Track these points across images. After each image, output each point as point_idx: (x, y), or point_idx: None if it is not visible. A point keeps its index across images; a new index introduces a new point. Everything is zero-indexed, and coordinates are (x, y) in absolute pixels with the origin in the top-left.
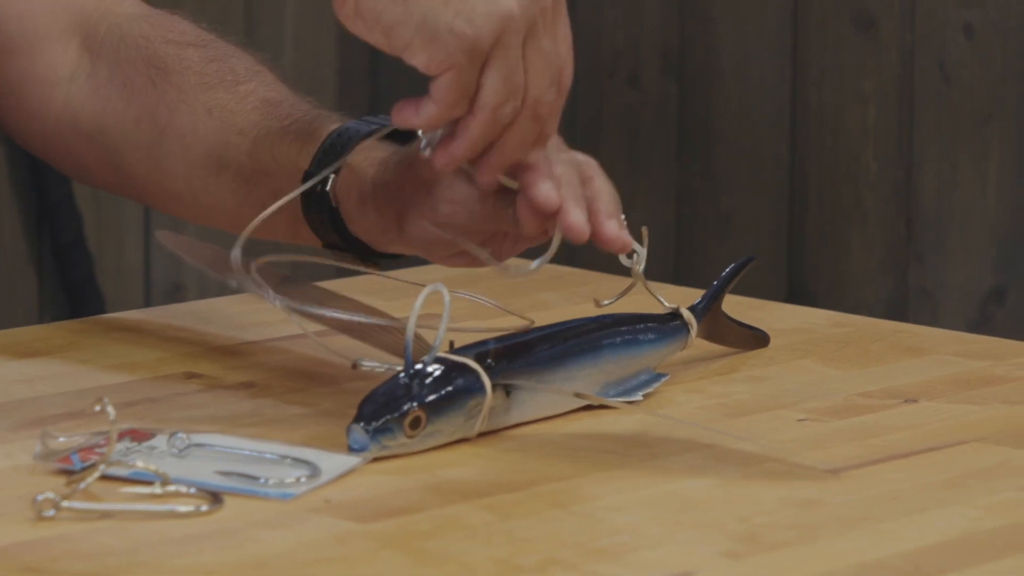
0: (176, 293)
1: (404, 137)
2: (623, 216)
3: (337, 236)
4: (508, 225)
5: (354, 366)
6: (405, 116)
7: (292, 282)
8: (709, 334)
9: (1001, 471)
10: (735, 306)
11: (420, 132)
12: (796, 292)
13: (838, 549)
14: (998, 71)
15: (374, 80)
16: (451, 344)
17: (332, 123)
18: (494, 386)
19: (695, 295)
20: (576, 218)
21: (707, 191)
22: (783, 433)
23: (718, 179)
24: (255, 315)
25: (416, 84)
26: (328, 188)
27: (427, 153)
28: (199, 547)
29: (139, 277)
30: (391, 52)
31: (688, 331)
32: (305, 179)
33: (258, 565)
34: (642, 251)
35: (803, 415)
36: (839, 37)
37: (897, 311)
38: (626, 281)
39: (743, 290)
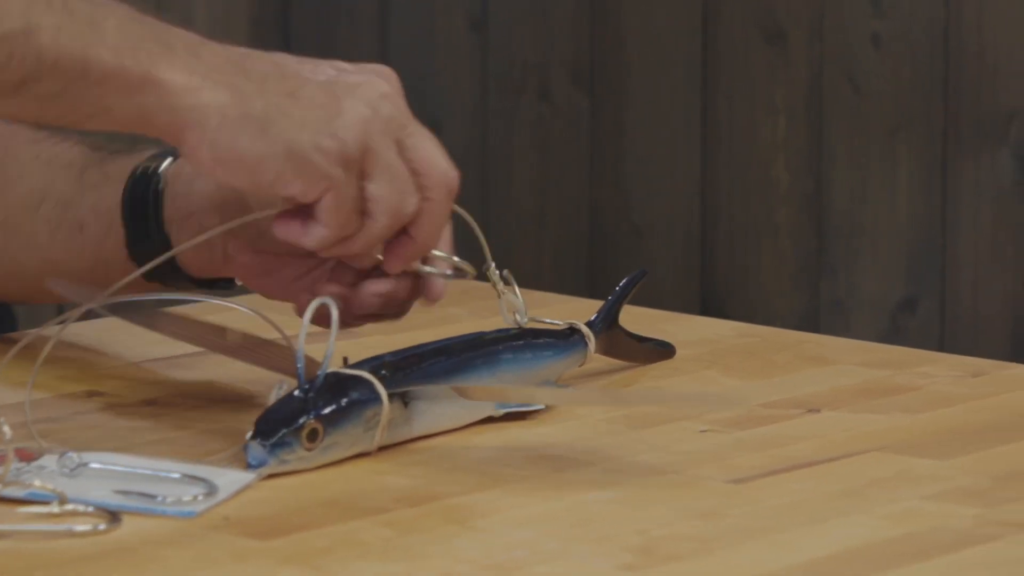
0: (89, 312)
1: None
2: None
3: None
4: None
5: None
6: (291, 232)
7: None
8: (609, 350)
9: (901, 480)
10: (642, 318)
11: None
12: (709, 305)
13: (735, 561)
14: (906, 81)
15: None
16: (345, 360)
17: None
18: (391, 396)
19: None
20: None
21: (619, 205)
22: (685, 444)
23: (630, 193)
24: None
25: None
26: (161, 170)
27: None
28: (97, 566)
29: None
30: (259, 189)
31: (586, 346)
32: (133, 174)
33: None
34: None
35: (705, 426)
36: (748, 50)
37: (810, 323)
38: (532, 295)
39: (654, 303)
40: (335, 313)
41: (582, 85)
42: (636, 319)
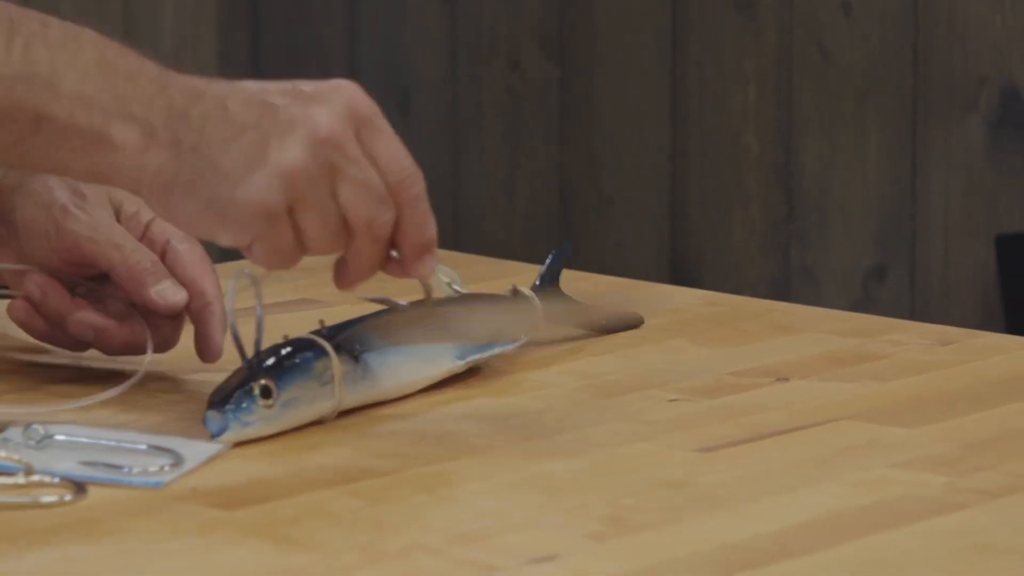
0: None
1: None
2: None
3: None
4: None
5: None
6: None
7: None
8: (562, 317)
9: (870, 448)
10: (611, 287)
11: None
12: (679, 273)
13: (703, 530)
14: (876, 48)
15: (256, 65)
16: (285, 337)
17: None
18: (337, 347)
19: (581, 277)
20: None
21: (589, 174)
22: (654, 413)
23: (600, 162)
24: None
25: (299, 68)
26: None
27: None
28: (63, 537)
29: None
30: (202, 238)
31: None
32: None
33: (122, 554)
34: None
35: (674, 395)
36: (718, 18)
37: (780, 291)
38: (502, 264)
39: (623, 271)
40: (260, 287)
41: (551, 54)
42: (605, 288)
